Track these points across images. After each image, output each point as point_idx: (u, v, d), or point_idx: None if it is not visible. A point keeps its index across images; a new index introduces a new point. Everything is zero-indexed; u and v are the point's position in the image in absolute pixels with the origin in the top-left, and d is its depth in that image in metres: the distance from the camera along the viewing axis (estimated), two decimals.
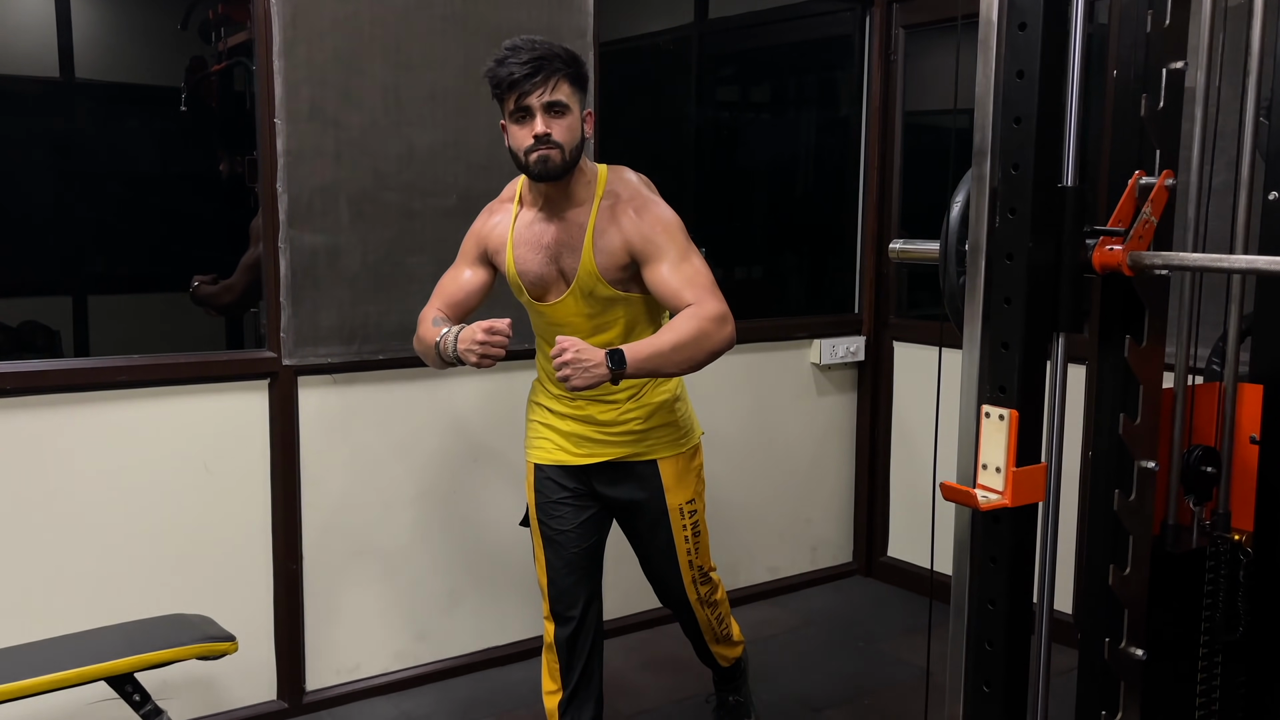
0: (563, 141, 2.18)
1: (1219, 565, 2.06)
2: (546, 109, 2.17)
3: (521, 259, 2.31)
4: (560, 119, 2.18)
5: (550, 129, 2.17)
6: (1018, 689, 1.81)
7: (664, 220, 2.24)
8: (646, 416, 2.36)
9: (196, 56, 4.72)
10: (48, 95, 4.50)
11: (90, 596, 2.59)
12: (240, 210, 5.05)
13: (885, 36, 3.82)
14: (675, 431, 2.40)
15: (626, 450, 2.36)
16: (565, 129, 2.18)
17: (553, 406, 2.41)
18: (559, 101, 2.18)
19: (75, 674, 2.14)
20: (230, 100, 4.80)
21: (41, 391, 2.49)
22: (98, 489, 2.60)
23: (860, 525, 4.07)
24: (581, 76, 2.24)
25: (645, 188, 2.34)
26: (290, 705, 2.87)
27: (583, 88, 2.25)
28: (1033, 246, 1.69)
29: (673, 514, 2.40)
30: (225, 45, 4.62)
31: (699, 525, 2.44)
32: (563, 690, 2.45)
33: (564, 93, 2.19)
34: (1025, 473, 1.71)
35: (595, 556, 2.45)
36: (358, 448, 2.92)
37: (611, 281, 2.25)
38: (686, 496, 2.41)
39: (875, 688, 3.12)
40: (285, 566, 2.82)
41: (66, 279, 4.74)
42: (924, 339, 3.87)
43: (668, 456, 2.39)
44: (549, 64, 2.16)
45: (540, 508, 2.42)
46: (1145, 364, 1.87)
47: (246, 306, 3.53)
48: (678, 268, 2.19)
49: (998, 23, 1.71)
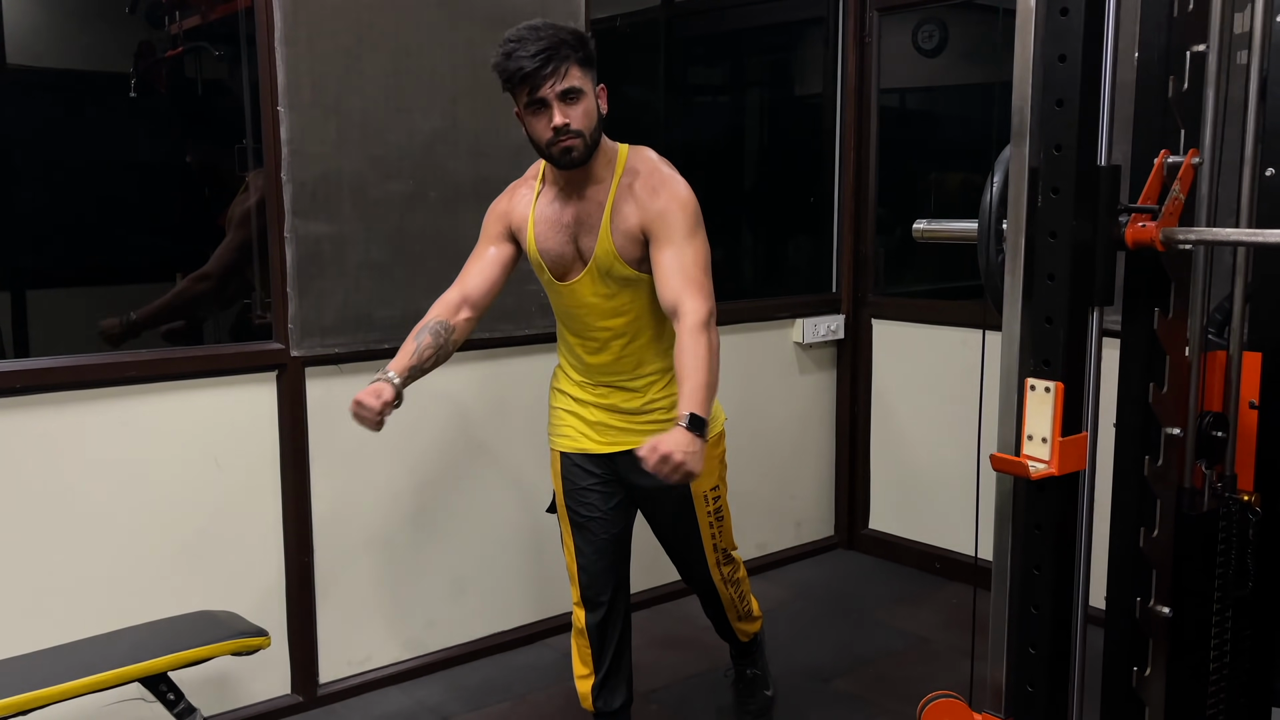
0: (582, 128, 2.17)
1: (1230, 525, 2.17)
2: (561, 98, 2.15)
3: (542, 236, 2.30)
4: (576, 105, 2.16)
5: (568, 118, 2.15)
6: (1062, 652, 1.88)
7: (679, 198, 2.24)
8: (671, 406, 2.36)
9: (145, 41, 4.58)
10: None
11: (104, 595, 2.54)
12: (196, 200, 4.92)
13: (860, 19, 3.88)
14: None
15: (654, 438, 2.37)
16: (582, 114, 2.17)
17: (576, 394, 2.42)
18: (572, 88, 2.16)
19: (113, 675, 2.11)
20: (185, 86, 4.68)
21: (50, 389, 2.42)
22: (108, 486, 2.54)
23: (842, 499, 4.15)
24: (589, 56, 2.21)
25: (664, 165, 2.32)
26: (305, 698, 2.85)
27: (592, 65, 2.22)
28: (1075, 224, 1.75)
29: (697, 500, 2.41)
30: (180, 29, 4.50)
31: (722, 510, 2.47)
32: (594, 675, 2.47)
33: (575, 78, 2.16)
34: (1070, 442, 1.78)
35: (624, 542, 2.47)
36: (365, 438, 2.88)
37: (629, 261, 2.25)
38: (711, 483, 2.42)
39: (875, 656, 3.21)
40: (297, 559, 2.79)
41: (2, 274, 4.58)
42: (902, 316, 3.96)
43: None
44: (557, 52, 2.13)
45: (569, 495, 2.43)
46: (1171, 336, 1.96)
47: (229, 298, 3.47)
48: (680, 254, 2.19)
49: (1036, 8, 1.77)
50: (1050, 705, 1.88)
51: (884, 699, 2.92)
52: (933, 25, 4.23)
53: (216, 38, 4.41)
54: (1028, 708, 1.90)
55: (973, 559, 3.83)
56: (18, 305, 4.51)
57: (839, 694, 2.97)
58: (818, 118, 4.11)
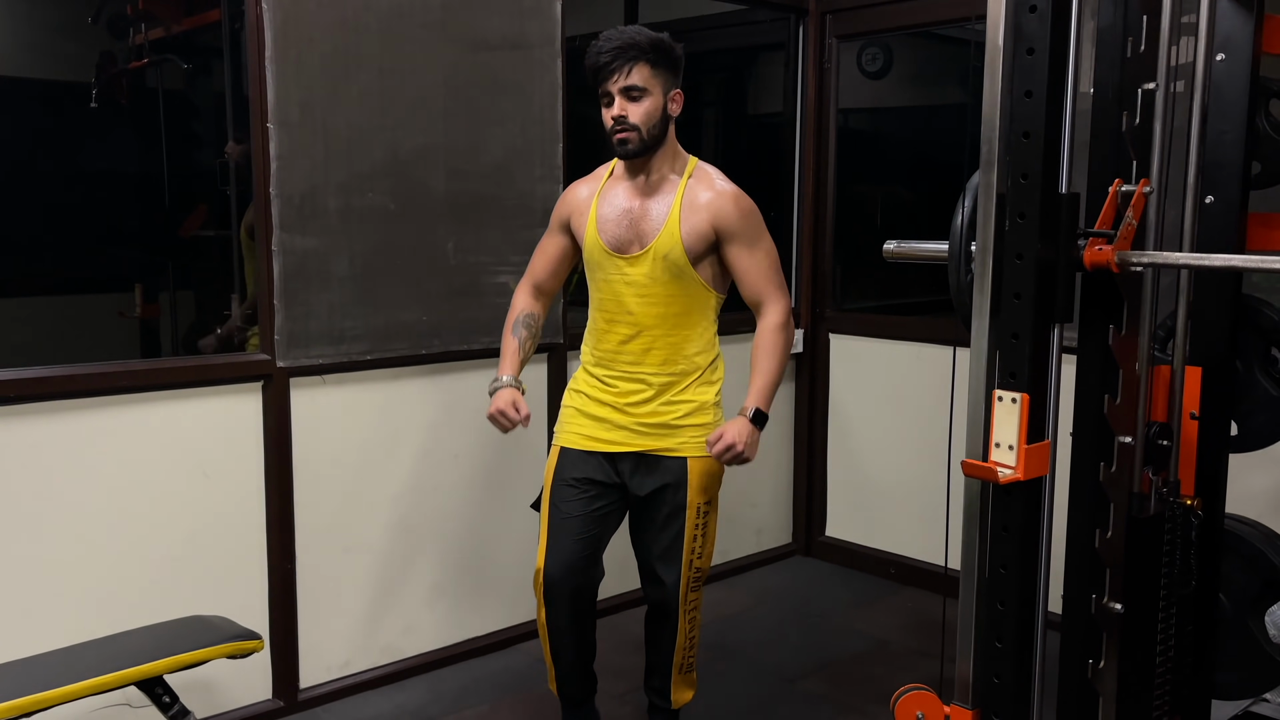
0: (638, 123, 2.36)
1: (1174, 527, 2.33)
2: (624, 93, 2.35)
3: (604, 219, 2.47)
4: (637, 102, 2.36)
5: (626, 111, 2.36)
6: (1027, 645, 2.02)
7: (750, 206, 2.47)
8: (684, 414, 2.47)
9: (106, 52, 4.58)
10: None
11: (97, 600, 2.56)
12: (157, 211, 4.91)
13: (820, 46, 4.04)
14: (709, 433, 2.48)
15: (657, 444, 2.47)
16: (642, 111, 2.36)
17: (590, 390, 2.52)
18: (634, 86, 2.35)
19: (114, 678, 2.14)
20: (149, 98, 4.68)
21: (42, 399, 2.46)
22: (98, 493, 2.57)
23: (800, 507, 4.29)
24: (666, 61, 2.39)
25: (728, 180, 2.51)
26: (286, 704, 2.89)
27: (667, 70, 2.40)
28: (1040, 246, 1.90)
29: (690, 510, 2.50)
30: (144, 40, 4.51)
31: (708, 527, 2.55)
32: (555, 666, 2.58)
33: (641, 77, 2.35)
34: (1035, 449, 1.92)
35: (595, 544, 2.54)
36: (347, 447, 2.96)
37: (689, 250, 2.41)
38: (707, 497, 2.53)
39: (838, 657, 3.33)
40: (281, 566, 2.84)
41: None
42: (858, 331, 4.11)
43: (699, 457, 2.48)
44: (626, 52, 2.34)
45: (555, 488, 2.52)
46: (1124, 350, 2.11)
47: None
48: (756, 257, 2.44)
49: (1004, 47, 1.92)
50: (1016, 696, 2.01)
51: (849, 697, 3.04)
52: (877, 48, 4.41)
53: (184, 50, 4.42)
54: (995, 698, 2.03)
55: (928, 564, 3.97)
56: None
57: (806, 694, 3.09)
58: (777, 138, 4.25)
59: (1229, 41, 2.30)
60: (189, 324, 4.69)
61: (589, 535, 2.52)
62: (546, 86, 3.22)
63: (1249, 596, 2.52)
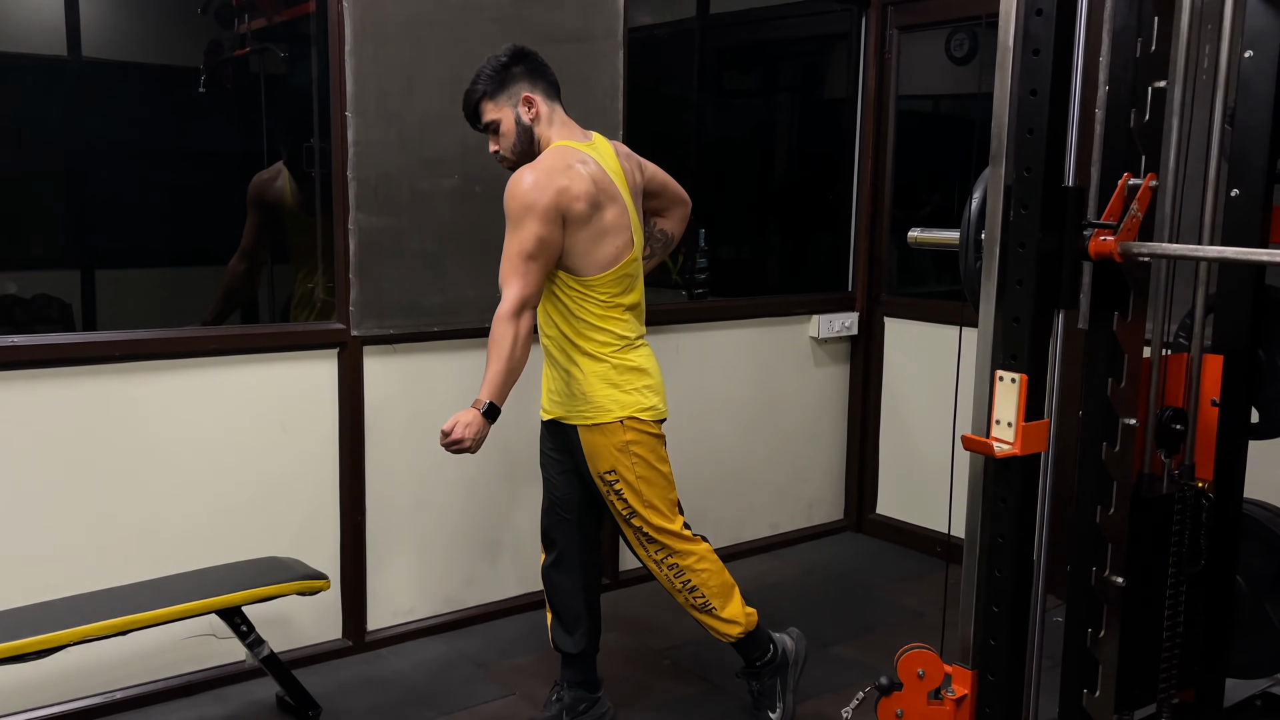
0: (505, 150, 2.62)
1: (1185, 509, 2.42)
2: (486, 131, 2.63)
3: None
4: (498, 134, 2.61)
5: (496, 146, 2.63)
6: (1022, 610, 2.15)
7: (513, 191, 2.49)
8: (566, 386, 2.63)
9: (214, 40, 4.90)
10: (55, 73, 4.62)
11: (181, 541, 2.85)
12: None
13: (881, 36, 4.14)
14: (586, 405, 2.60)
15: (561, 411, 2.65)
16: (504, 139, 2.61)
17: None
18: (489, 122, 2.60)
19: (197, 605, 2.43)
20: (249, 83, 4.98)
21: (143, 359, 2.75)
22: (187, 445, 2.86)
23: (851, 485, 4.42)
24: (502, 82, 2.58)
25: (538, 163, 2.53)
26: (354, 643, 3.17)
27: (510, 85, 2.58)
28: (1042, 237, 2.02)
29: (595, 479, 2.65)
30: (247, 29, 4.81)
31: (624, 494, 2.63)
32: (550, 614, 2.79)
33: (488, 112, 2.59)
34: (1032, 427, 2.05)
35: (571, 508, 2.72)
36: (414, 410, 3.21)
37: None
38: (606, 466, 2.62)
39: (875, 626, 3.48)
40: (351, 517, 3.11)
41: (75, 253, 4.89)
42: (913, 315, 4.21)
43: (584, 425, 2.60)
44: (470, 99, 2.61)
45: (540, 453, 2.78)
46: (1129, 336, 2.21)
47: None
48: (507, 243, 2.51)
49: (1014, 48, 2.03)
50: (1010, 657, 2.15)
51: (878, 662, 3.18)
52: (964, 34, 4.48)
53: (281, 39, 4.71)
54: (991, 659, 2.17)
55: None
56: (87, 283, 4.86)
57: (838, 657, 3.24)
58: (838, 125, 4.37)
59: (1258, 39, 2.38)
60: (285, 296, 4.99)
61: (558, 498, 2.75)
62: (608, 78, 3.41)
63: (1265, 578, 2.60)
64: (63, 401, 2.68)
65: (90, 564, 2.71)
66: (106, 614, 2.33)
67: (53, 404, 2.67)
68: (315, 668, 3.05)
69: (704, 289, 4.26)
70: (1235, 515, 2.58)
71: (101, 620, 2.31)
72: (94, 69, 4.70)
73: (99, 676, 2.77)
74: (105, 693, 2.78)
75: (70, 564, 2.70)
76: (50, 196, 4.72)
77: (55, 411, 2.67)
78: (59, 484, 2.69)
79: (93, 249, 4.88)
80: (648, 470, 2.62)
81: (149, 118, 4.97)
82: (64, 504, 2.70)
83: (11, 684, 2.62)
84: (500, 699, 2.96)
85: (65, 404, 2.68)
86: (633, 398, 2.60)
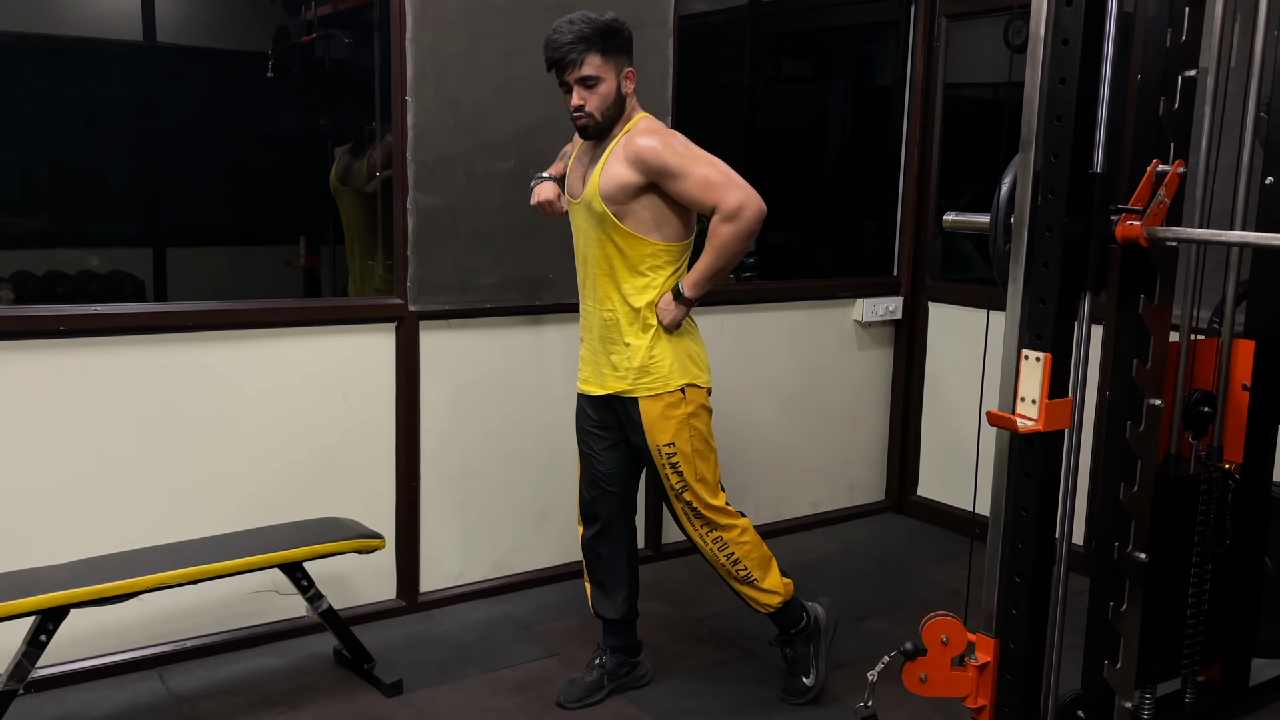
0: (594, 109, 2.58)
1: (1211, 489, 2.48)
2: (580, 83, 2.55)
3: (570, 175, 2.77)
4: (593, 90, 2.56)
5: (584, 100, 2.57)
6: (1044, 581, 2.23)
7: (662, 145, 2.56)
8: (627, 359, 2.67)
9: (281, 26, 5.08)
10: (132, 58, 4.80)
11: (245, 500, 3.01)
12: (319, 171, 5.40)
13: (929, 25, 4.19)
14: (649, 376, 2.65)
15: (624, 385, 2.69)
16: (597, 98, 2.57)
17: (583, 335, 2.79)
18: (588, 76, 2.54)
19: (264, 559, 2.58)
20: (315, 68, 5.15)
21: (213, 328, 2.92)
22: (252, 411, 3.02)
23: (893, 467, 4.49)
24: (615, 45, 2.58)
25: (659, 127, 2.64)
26: (407, 603, 3.32)
27: (620, 51, 2.59)
28: (1068, 221, 2.09)
29: (654, 452, 2.70)
30: (314, 16, 4.98)
31: (680, 466, 2.70)
32: (590, 584, 2.89)
33: (593, 66, 2.53)
34: (1055, 404, 2.12)
35: (615, 480, 2.80)
36: (468, 383, 3.35)
37: (606, 199, 2.60)
38: (666, 439, 2.66)
39: (909, 602, 3.55)
40: (406, 484, 3.26)
41: (147, 232, 5.08)
42: (956, 300, 4.26)
43: (646, 397, 2.67)
44: (578, 45, 2.52)
45: (578, 430, 2.84)
46: (1155, 319, 2.27)
47: None
48: (690, 181, 2.55)
49: (1044, 38, 2.10)
50: (1031, 625, 2.23)
51: (910, 635, 3.25)
52: (1021, 22, 4.51)
53: (346, 25, 4.87)
54: (1013, 627, 2.25)
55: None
56: (159, 260, 5.07)
57: (870, 629, 3.33)
58: (886, 113, 4.42)
59: None
60: (346, 274, 5.17)
61: (603, 472, 2.80)
62: (659, 64, 3.51)
63: None
64: (139, 368, 2.85)
65: (165, 519, 2.89)
66: (180, 564, 2.50)
67: (130, 370, 2.84)
68: (370, 625, 3.21)
69: (751, 272, 4.35)
70: (1264, 497, 2.63)
71: (175, 569, 2.48)
72: (168, 54, 4.88)
73: (171, 624, 2.95)
74: (176, 640, 2.96)
75: (147, 518, 2.88)
76: (125, 177, 4.92)
77: (132, 377, 2.85)
78: (136, 445, 2.87)
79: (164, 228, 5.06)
80: (702, 444, 2.73)
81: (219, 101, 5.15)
82: (142, 463, 2.88)
83: (93, 629, 2.81)
84: (544, 659, 3.10)
85: (141, 370, 2.86)
86: (692, 369, 2.71)
